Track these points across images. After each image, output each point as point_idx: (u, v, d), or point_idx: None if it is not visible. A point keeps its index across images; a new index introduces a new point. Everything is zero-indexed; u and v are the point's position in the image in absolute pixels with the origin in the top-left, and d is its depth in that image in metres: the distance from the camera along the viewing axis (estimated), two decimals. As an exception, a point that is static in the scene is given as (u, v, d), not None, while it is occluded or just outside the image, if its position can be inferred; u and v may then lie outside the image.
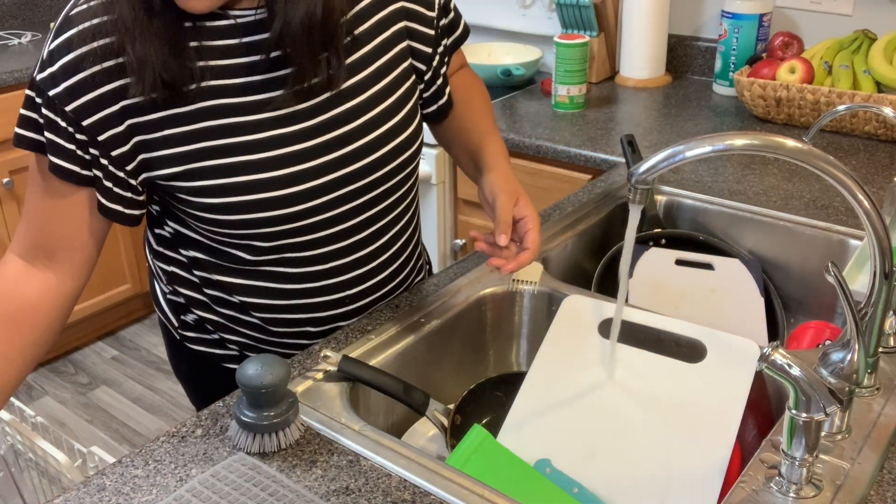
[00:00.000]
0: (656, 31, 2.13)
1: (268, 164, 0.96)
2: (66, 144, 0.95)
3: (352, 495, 0.81)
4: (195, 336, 1.16)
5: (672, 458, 0.91)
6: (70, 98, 0.93)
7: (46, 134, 0.95)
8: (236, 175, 0.96)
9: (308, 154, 0.98)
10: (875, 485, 0.81)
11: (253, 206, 0.97)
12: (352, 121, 0.99)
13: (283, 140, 0.96)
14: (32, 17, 3.04)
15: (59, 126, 0.94)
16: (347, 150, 0.99)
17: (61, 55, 0.92)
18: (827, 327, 1.12)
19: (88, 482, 0.83)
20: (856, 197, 0.78)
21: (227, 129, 0.95)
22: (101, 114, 0.94)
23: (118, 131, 0.95)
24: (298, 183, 0.98)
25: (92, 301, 2.85)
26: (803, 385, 0.74)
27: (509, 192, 1.02)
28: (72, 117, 0.94)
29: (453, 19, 1.14)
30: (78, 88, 0.93)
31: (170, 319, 1.19)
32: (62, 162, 0.96)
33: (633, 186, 0.87)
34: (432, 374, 1.10)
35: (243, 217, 0.98)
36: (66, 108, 0.93)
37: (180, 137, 0.95)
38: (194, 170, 0.96)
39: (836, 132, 1.78)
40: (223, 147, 0.95)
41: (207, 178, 0.96)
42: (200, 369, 1.19)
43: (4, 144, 2.48)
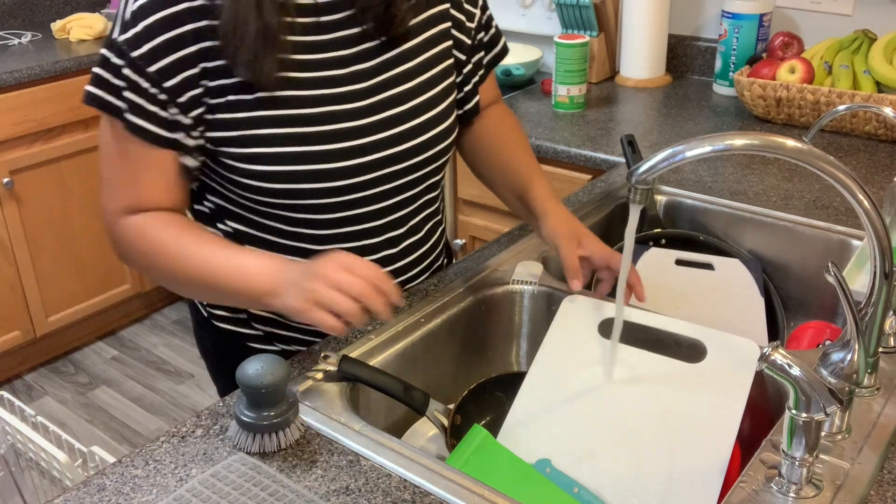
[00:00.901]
0: (656, 31, 2.13)
1: (325, 137, 1.00)
2: (149, 106, 0.96)
3: (352, 495, 0.81)
4: (222, 314, 1.19)
5: (672, 458, 0.91)
6: (153, 59, 0.94)
7: (126, 95, 0.96)
8: (293, 145, 0.99)
9: (361, 131, 1.02)
10: (875, 485, 0.81)
11: (303, 177, 1.01)
12: (401, 104, 1.05)
13: (341, 116, 1.01)
14: (32, 17, 3.04)
15: (141, 87, 0.96)
16: (395, 132, 1.05)
17: (144, 16, 0.94)
18: (827, 327, 1.12)
19: (88, 482, 0.83)
20: (856, 197, 0.78)
21: (291, 100, 0.99)
22: (182, 75, 0.96)
23: (195, 93, 0.97)
24: (349, 158, 1.02)
25: (92, 301, 2.85)
26: (803, 385, 0.74)
27: (568, 236, 1.08)
28: (155, 78, 0.95)
29: (494, 35, 1.21)
30: (161, 50, 0.94)
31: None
32: (144, 123, 0.97)
33: (633, 186, 0.87)
34: (432, 374, 1.10)
35: (291, 186, 1.01)
36: (149, 70, 0.95)
37: (251, 103, 0.98)
38: (253, 136, 0.99)
39: (836, 132, 1.78)
40: (285, 117, 0.99)
41: (264, 146, 0.99)
42: (225, 347, 1.22)
43: (4, 144, 2.48)
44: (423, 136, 1.08)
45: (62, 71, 2.53)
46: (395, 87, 1.05)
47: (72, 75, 2.57)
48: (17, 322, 2.66)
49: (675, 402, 0.95)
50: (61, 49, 2.67)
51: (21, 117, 2.48)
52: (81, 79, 2.58)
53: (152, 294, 3.11)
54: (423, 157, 1.09)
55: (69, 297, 2.78)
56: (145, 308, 3.12)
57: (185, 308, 3.17)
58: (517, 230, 1.33)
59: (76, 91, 2.58)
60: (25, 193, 2.57)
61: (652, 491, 0.89)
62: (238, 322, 1.18)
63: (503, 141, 1.22)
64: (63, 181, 2.65)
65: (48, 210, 2.64)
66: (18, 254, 2.59)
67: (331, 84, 1.01)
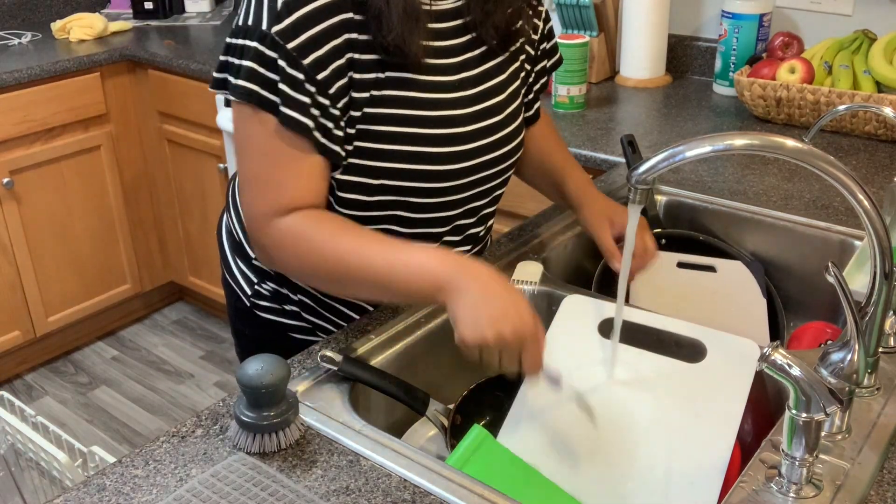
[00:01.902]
0: (656, 31, 2.13)
1: (437, 140, 1.04)
2: (303, 98, 0.96)
3: (352, 495, 0.81)
4: (268, 305, 1.20)
5: (672, 458, 0.91)
6: (309, 50, 0.95)
7: (282, 88, 0.95)
8: (410, 144, 1.03)
9: (464, 138, 1.07)
10: (875, 485, 0.81)
11: (411, 176, 1.04)
12: (496, 114, 1.10)
13: (452, 121, 1.05)
14: (32, 17, 3.04)
15: (297, 80, 0.95)
16: (489, 140, 1.10)
17: (299, 6, 0.94)
18: (827, 327, 1.12)
19: (88, 482, 0.83)
20: (856, 197, 0.78)
21: (414, 101, 1.02)
22: (333, 66, 0.96)
23: (343, 83, 0.98)
24: (451, 162, 1.06)
25: (92, 301, 2.85)
26: (803, 385, 0.74)
27: (600, 222, 1.14)
28: (309, 71, 0.95)
29: (554, 45, 1.25)
30: (316, 40, 0.95)
31: (241, 287, 1.22)
32: (300, 116, 0.96)
33: (633, 186, 0.87)
34: (432, 374, 1.10)
35: (397, 183, 1.04)
36: (305, 62, 0.95)
37: (379, 100, 1.00)
38: (375, 132, 1.01)
39: (836, 132, 1.78)
40: (408, 117, 1.02)
41: (383, 142, 1.02)
42: (265, 336, 1.22)
43: (4, 144, 2.48)
44: (509, 145, 1.13)
45: (62, 71, 2.53)
46: (492, 98, 1.09)
47: (72, 75, 2.57)
48: (17, 322, 2.66)
49: (675, 402, 0.95)
50: (61, 49, 2.67)
51: (21, 117, 2.48)
52: (81, 79, 2.58)
53: (152, 294, 3.11)
54: (505, 165, 1.14)
55: (69, 297, 2.78)
56: (145, 308, 3.12)
57: (185, 308, 3.17)
58: (517, 230, 1.33)
59: (76, 91, 2.58)
60: (25, 193, 2.57)
61: (652, 490, 0.89)
62: (284, 313, 1.20)
63: (543, 138, 1.28)
64: (63, 181, 2.65)
65: (48, 210, 2.64)
66: (18, 254, 2.59)
67: (444, 89, 1.04)
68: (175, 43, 2.73)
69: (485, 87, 1.09)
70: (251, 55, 0.95)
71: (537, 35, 1.20)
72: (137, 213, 2.90)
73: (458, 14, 1.06)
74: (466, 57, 1.07)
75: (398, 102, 1.01)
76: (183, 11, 3.11)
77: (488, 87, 1.09)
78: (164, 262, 3.04)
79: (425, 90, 1.03)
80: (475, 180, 1.10)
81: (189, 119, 2.63)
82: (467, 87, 1.07)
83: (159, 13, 3.02)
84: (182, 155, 2.74)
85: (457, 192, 1.09)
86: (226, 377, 2.78)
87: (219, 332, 3.03)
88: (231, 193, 1.26)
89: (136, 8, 3.02)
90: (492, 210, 1.23)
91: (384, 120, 1.01)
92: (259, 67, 0.95)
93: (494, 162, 1.11)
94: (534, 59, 1.20)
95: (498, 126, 1.10)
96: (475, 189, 1.12)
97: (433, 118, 1.04)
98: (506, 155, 1.13)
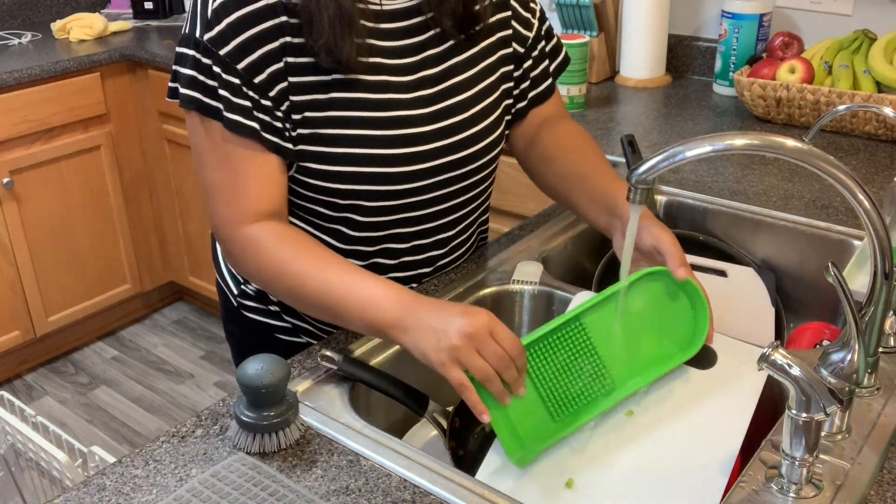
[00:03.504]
0: (656, 31, 2.13)
1: (390, 141, 1.03)
2: (243, 102, 0.97)
3: (352, 495, 0.81)
4: (253, 305, 1.20)
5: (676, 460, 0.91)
6: (241, 56, 0.96)
7: (222, 93, 0.96)
8: (361, 147, 1.01)
9: (423, 138, 1.05)
10: (875, 485, 0.81)
11: (366, 178, 1.03)
12: (460, 113, 1.07)
13: (406, 121, 1.03)
14: (32, 17, 3.04)
15: (233, 84, 0.96)
16: (452, 140, 1.07)
17: (228, 13, 0.95)
18: (826, 328, 1.12)
19: (88, 482, 0.83)
20: (856, 197, 0.78)
21: (361, 103, 1.01)
22: (269, 69, 0.97)
23: (283, 87, 0.98)
24: (409, 163, 1.04)
25: (92, 301, 2.85)
26: (803, 385, 0.74)
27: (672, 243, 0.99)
28: (244, 75, 0.96)
29: (556, 45, 1.22)
30: (248, 45, 0.96)
31: (229, 286, 1.23)
32: (242, 119, 0.97)
33: (633, 186, 0.87)
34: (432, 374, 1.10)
35: (353, 187, 1.03)
36: (239, 66, 0.96)
37: (324, 103, 1.00)
38: (323, 136, 1.01)
39: (836, 132, 1.78)
40: (355, 119, 1.01)
41: (333, 146, 1.01)
42: (253, 337, 1.23)
43: (4, 144, 2.48)
44: (477, 145, 1.10)
45: (62, 71, 2.53)
46: (455, 96, 1.07)
47: (72, 75, 2.57)
48: (17, 322, 2.66)
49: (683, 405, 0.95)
50: (61, 49, 2.67)
51: (21, 117, 2.48)
52: (81, 79, 2.59)
53: (152, 294, 3.11)
54: (475, 166, 1.11)
55: (69, 297, 2.78)
56: (145, 308, 3.12)
57: (185, 308, 3.17)
58: (517, 230, 1.33)
59: (76, 91, 2.58)
60: (25, 193, 2.57)
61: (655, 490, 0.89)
62: (268, 314, 1.20)
63: (581, 152, 1.17)
64: (63, 181, 2.65)
65: (48, 210, 2.64)
66: (18, 254, 2.59)
67: (397, 90, 1.03)
68: (175, 43, 2.73)
69: (447, 84, 1.06)
70: (189, 63, 0.98)
71: (531, 32, 1.16)
72: (137, 213, 2.90)
73: (413, 13, 1.04)
74: (425, 55, 1.05)
75: (345, 104, 1.00)
76: (183, 11, 3.11)
77: (451, 85, 1.07)
78: (164, 262, 3.04)
79: (374, 91, 1.01)
80: (443, 181, 1.08)
81: (189, 119, 2.63)
82: (426, 87, 1.05)
83: (159, 13, 3.02)
84: (182, 155, 2.74)
85: (424, 192, 1.07)
86: (226, 377, 2.78)
87: (219, 332, 3.03)
88: None
89: (136, 8, 3.02)
90: (475, 217, 1.20)
91: (332, 123, 1.00)
92: (198, 75, 0.97)
93: (462, 162, 1.08)
94: (521, 58, 1.16)
95: (463, 125, 1.08)
96: (446, 188, 1.09)
97: (385, 119, 1.02)
98: (475, 154, 1.10)
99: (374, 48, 1.01)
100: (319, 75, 0.99)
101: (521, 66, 1.16)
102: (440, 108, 1.06)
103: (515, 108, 1.19)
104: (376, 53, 1.02)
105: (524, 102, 1.19)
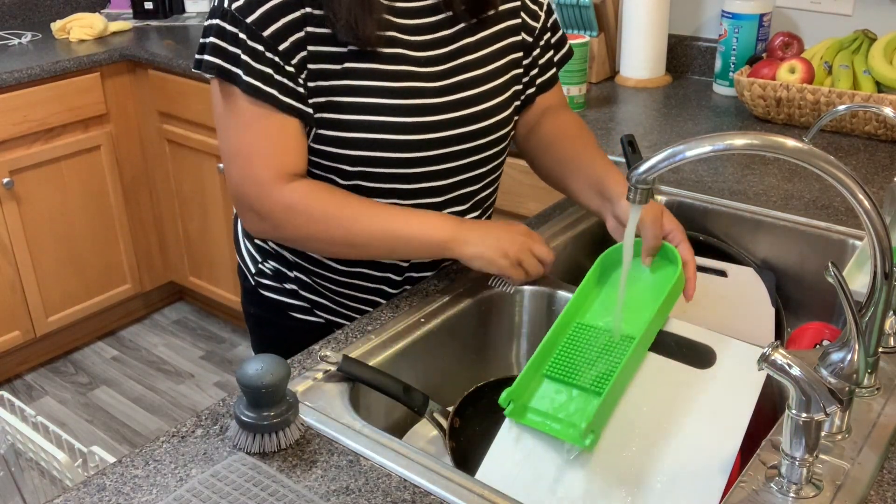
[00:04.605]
0: (656, 31, 2.13)
1: (403, 110, 1.08)
2: (265, 69, 1.02)
3: (352, 495, 0.81)
4: (269, 284, 1.24)
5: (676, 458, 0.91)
6: (267, 23, 1.01)
7: (243, 58, 1.01)
8: (375, 114, 1.06)
9: (436, 108, 1.10)
10: (875, 485, 0.81)
11: (380, 145, 1.08)
12: (470, 89, 1.13)
13: (418, 92, 1.08)
14: (32, 17, 3.04)
15: (258, 51, 1.01)
16: (464, 113, 1.12)
17: None
18: (826, 328, 1.12)
19: (88, 482, 0.83)
20: (856, 197, 0.78)
21: (375, 73, 1.06)
22: (292, 38, 1.02)
23: (303, 55, 1.03)
24: (421, 132, 1.09)
25: (92, 301, 2.85)
26: (803, 385, 0.74)
27: (654, 215, 1.06)
28: (269, 42, 1.01)
29: (561, 37, 1.28)
30: (272, 14, 1.01)
31: (248, 266, 1.28)
32: (262, 85, 1.02)
33: (633, 186, 0.87)
34: (432, 374, 1.10)
35: (367, 153, 1.08)
36: (264, 34, 1.00)
37: (339, 72, 1.04)
38: (337, 103, 1.05)
39: (836, 132, 1.78)
40: (370, 88, 1.06)
41: (348, 113, 1.06)
42: (269, 316, 1.27)
43: (4, 144, 2.48)
44: (486, 121, 1.15)
45: (62, 71, 2.53)
46: (466, 73, 1.12)
47: (72, 75, 2.57)
48: (17, 322, 2.66)
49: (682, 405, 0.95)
50: (61, 49, 2.67)
51: (21, 117, 2.48)
52: (81, 79, 2.58)
53: (152, 294, 3.11)
54: (484, 141, 1.16)
55: (69, 297, 2.78)
56: (145, 308, 3.12)
57: (185, 308, 3.17)
58: (517, 230, 1.33)
59: (76, 91, 2.58)
60: (25, 193, 2.57)
61: (654, 490, 0.89)
62: (284, 292, 1.23)
63: (579, 139, 1.24)
64: (63, 181, 2.65)
65: (48, 210, 2.64)
66: (18, 254, 2.59)
67: (411, 63, 1.08)
68: (175, 43, 2.73)
69: (459, 62, 1.12)
70: (214, 31, 1.03)
71: (538, 23, 1.21)
72: (137, 213, 2.90)
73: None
74: (438, 35, 1.10)
75: (360, 74, 1.05)
76: (183, 11, 3.11)
77: (463, 62, 1.12)
78: (164, 262, 3.04)
79: (389, 62, 1.06)
80: (451, 153, 1.12)
81: (189, 119, 2.64)
82: (439, 63, 1.10)
83: (159, 13, 3.02)
84: (182, 155, 2.74)
85: (432, 163, 1.11)
86: (226, 377, 2.78)
87: (219, 332, 3.03)
88: None
89: (136, 8, 3.02)
90: (486, 194, 1.24)
91: (347, 91, 1.05)
92: (221, 42, 1.02)
93: (471, 136, 1.13)
94: (530, 47, 1.21)
95: (473, 100, 1.13)
96: (454, 162, 1.14)
97: (399, 89, 1.07)
98: (484, 130, 1.15)
99: (392, 24, 1.07)
100: (337, 46, 1.04)
101: (529, 54, 1.22)
102: (451, 83, 1.11)
103: (525, 94, 1.24)
104: (393, 28, 1.07)
105: (533, 88, 1.25)
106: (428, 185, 1.14)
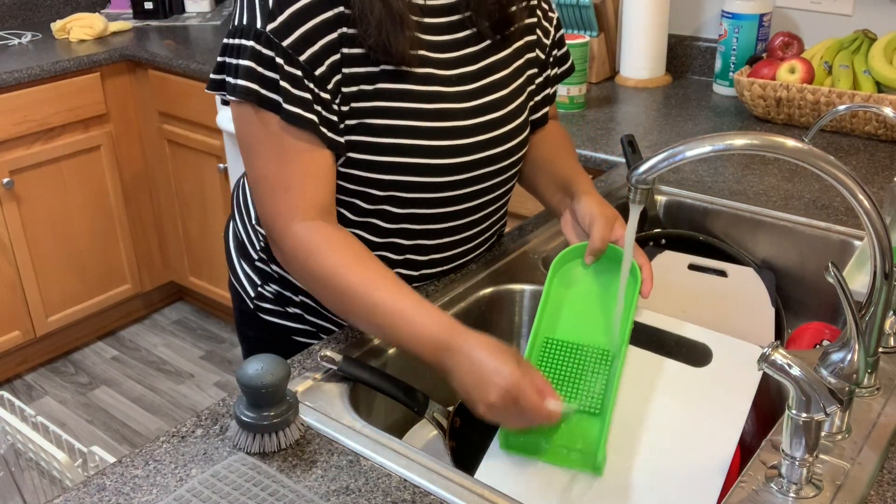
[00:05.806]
0: (656, 31, 2.13)
1: (435, 133, 1.04)
2: (304, 94, 0.96)
3: (352, 495, 0.81)
4: (270, 308, 1.20)
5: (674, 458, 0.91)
6: (304, 47, 0.95)
7: (283, 85, 0.95)
8: (406, 137, 1.02)
9: (465, 131, 1.06)
10: (875, 485, 0.81)
11: (410, 169, 1.04)
12: (498, 110, 1.09)
13: (450, 114, 1.05)
14: (32, 17, 3.04)
15: (296, 77, 0.96)
16: (493, 135, 1.09)
17: (291, 2, 0.94)
18: (826, 328, 1.12)
19: (88, 482, 0.83)
20: (856, 197, 0.78)
21: (409, 94, 1.02)
22: (328, 61, 0.97)
23: (338, 78, 0.99)
24: (452, 156, 1.05)
25: (92, 301, 2.85)
26: (803, 385, 0.74)
27: (607, 216, 1.04)
28: (307, 67, 0.96)
29: (565, 53, 1.25)
30: (310, 36, 0.95)
31: (245, 289, 1.22)
32: (302, 112, 0.96)
33: (633, 186, 0.87)
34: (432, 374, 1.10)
35: (397, 178, 1.04)
36: (301, 58, 0.95)
37: (373, 93, 1.00)
38: (369, 125, 1.01)
39: (836, 132, 1.78)
40: (402, 110, 1.01)
41: (378, 136, 1.02)
42: (269, 338, 1.22)
43: (4, 144, 2.48)
44: (512, 141, 1.12)
45: (62, 71, 2.53)
46: (492, 94, 1.09)
47: (72, 75, 2.57)
48: (17, 322, 2.66)
49: (679, 403, 0.95)
50: (61, 49, 2.67)
51: (21, 117, 2.48)
52: (81, 79, 2.58)
53: (152, 294, 3.11)
54: (508, 162, 1.13)
55: (69, 297, 2.78)
56: (145, 308, 3.12)
57: (185, 308, 3.17)
58: (517, 230, 1.33)
59: (76, 91, 2.58)
60: (25, 193, 2.57)
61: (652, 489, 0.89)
62: (287, 316, 1.19)
63: (556, 144, 1.23)
64: (63, 181, 2.65)
65: (48, 210, 2.64)
66: (18, 254, 2.59)
67: (441, 83, 1.04)
68: (175, 43, 2.73)
69: (486, 81, 1.08)
70: (248, 54, 0.96)
71: (549, 40, 1.19)
72: (137, 213, 2.90)
73: (452, 10, 1.05)
74: (465, 52, 1.07)
75: (392, 95, 1.01)
76: (183, 11, 3.11)
77: (490, 83, 1.08)
78: (164, 262, 3.04)
79: (420, 83, 1.02)
80: (478, 176, 1.10)
81: (189, 119, 2.64)
82: (467, 82, 1.06)
83: (159, 13, 3.02)
84: (182, 155, 2.74)
85: (461, 187, 1.09)
86: (226, 377, 2.78)
87: (219, 332, 3.03)
88: (235, 197, 1.25)
89: (136, 8, 3.02)
90: (501, 214, 1.22)
91: (379, 113, 1.01)
92: (257, 66, 0.95)
93: (497, 158, 1.11)
94: (543, 64, 1.19)
95: (500, 121, 1.10)
96: (479, 185, 1.11)
97: (430, 111, 1.03)
98: (508, 151, 1.12)
99: (422, 42, 1.03)
100: (370, 66, 0.99)
101: (543, 71, 1.20)
102: (480, 104, 1.07)
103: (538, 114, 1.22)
104: (424, 46, 1.03)
105: (544, 107, 1.23)
106: (451, 209, 1.10)
